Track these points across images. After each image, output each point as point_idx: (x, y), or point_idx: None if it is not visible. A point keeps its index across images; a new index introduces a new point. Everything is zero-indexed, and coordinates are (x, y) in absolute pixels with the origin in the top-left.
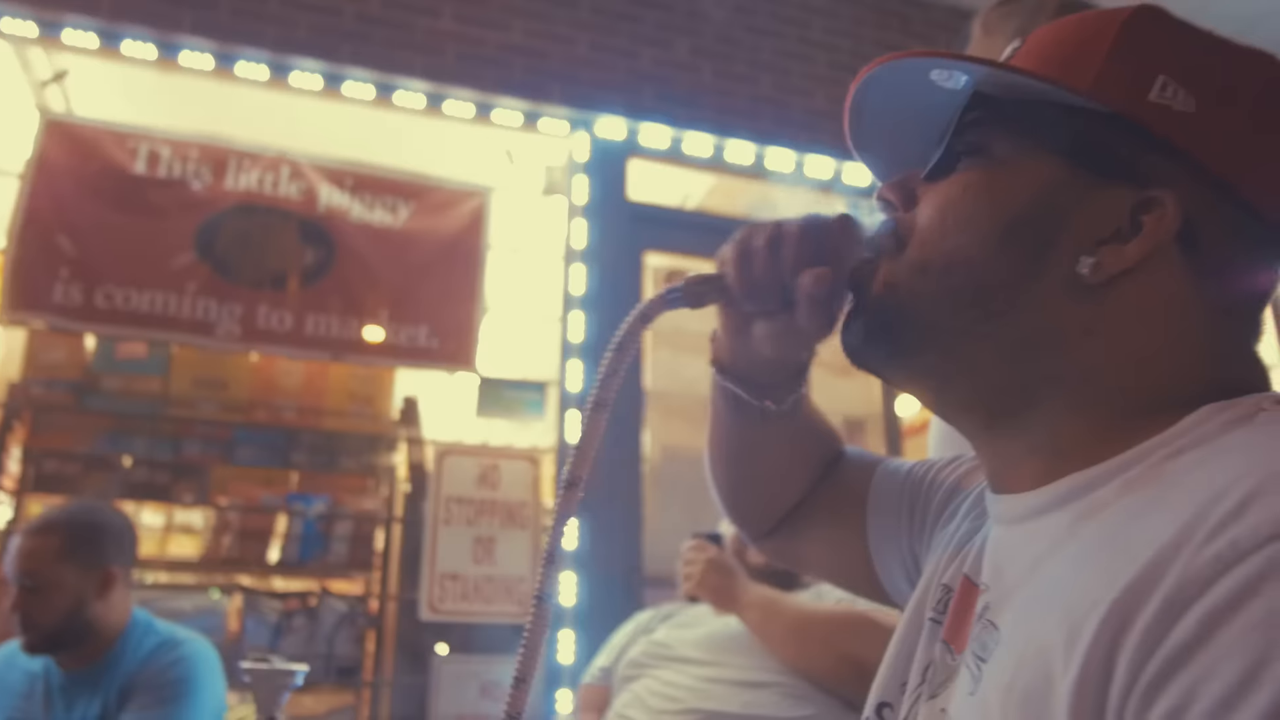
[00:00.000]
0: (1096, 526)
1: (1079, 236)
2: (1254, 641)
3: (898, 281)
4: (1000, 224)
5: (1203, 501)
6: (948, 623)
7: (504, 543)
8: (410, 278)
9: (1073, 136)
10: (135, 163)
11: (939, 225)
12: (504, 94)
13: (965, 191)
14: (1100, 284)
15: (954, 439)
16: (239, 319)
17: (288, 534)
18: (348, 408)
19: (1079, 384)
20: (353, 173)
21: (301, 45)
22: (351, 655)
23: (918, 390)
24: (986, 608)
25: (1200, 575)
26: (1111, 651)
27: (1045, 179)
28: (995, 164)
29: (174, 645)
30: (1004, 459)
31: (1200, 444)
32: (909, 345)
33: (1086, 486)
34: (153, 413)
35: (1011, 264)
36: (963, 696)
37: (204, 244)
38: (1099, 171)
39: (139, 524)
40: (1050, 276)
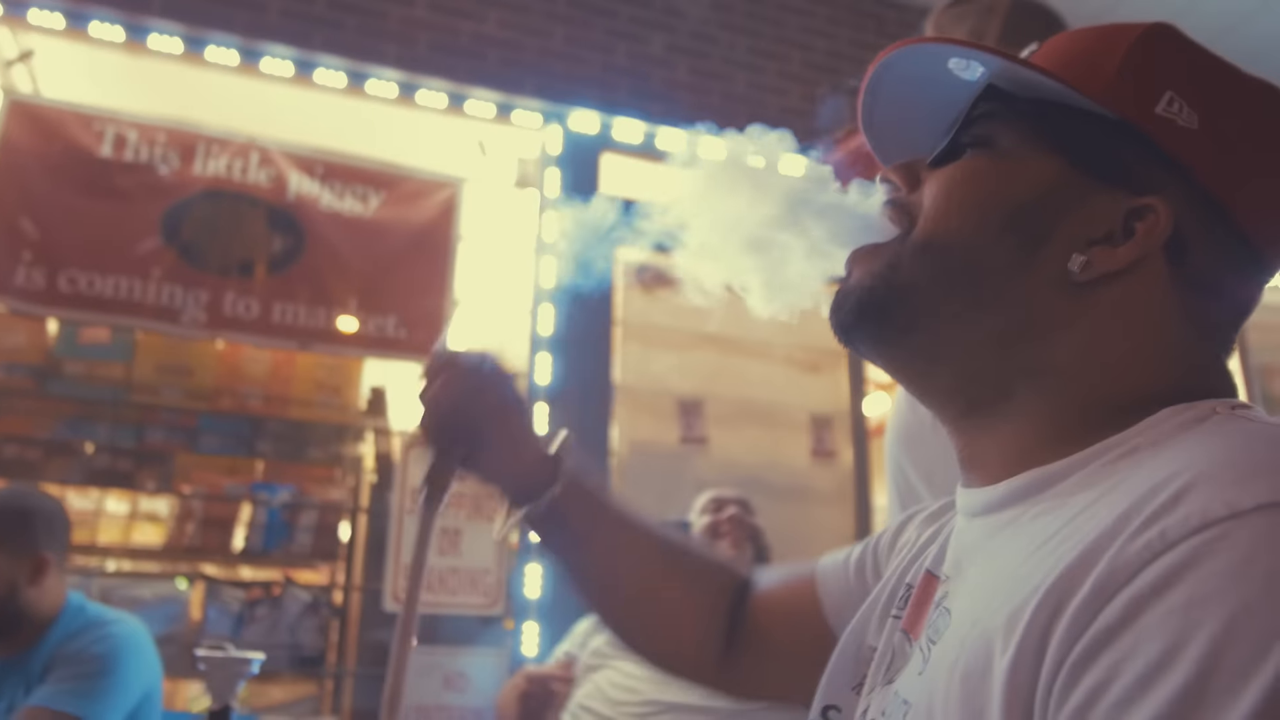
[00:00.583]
0: (1048, 519)
1: (1072, 235)
2: (1173, 625)
3: (901, 263)
4: (1001, 212)
5: (1142, 493)
6: (908, 614)
7: (470, 535)
8: (380, 267)
9: (1078, 139)
10: (101, 146)
11: (943, 207)
12: (477, 85)
13: (970, 178)
14: (1087, 283)
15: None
16: (205, 306)
17: (251, 523)
18: (315, 397)
19: (1052, 378)
20: (323, 161)
21: (273, 31)
22: (314, 645)
23: (902, 372)
24: (945, 596)
25: (1130, 563)
26: (1045, 632)
27: (1047, 176)
28: (1000, 155)
29: (100, 625)
30: (976, 449)
31: (1154, 445)
32: (900, 326)
33: (1045, 481)
34: (115, 399)
35: (1006, 253)
36: (912, 677)
37: (170, 229)
38: (1099, 175)
39: (102, 511)
40: (1041, 270)
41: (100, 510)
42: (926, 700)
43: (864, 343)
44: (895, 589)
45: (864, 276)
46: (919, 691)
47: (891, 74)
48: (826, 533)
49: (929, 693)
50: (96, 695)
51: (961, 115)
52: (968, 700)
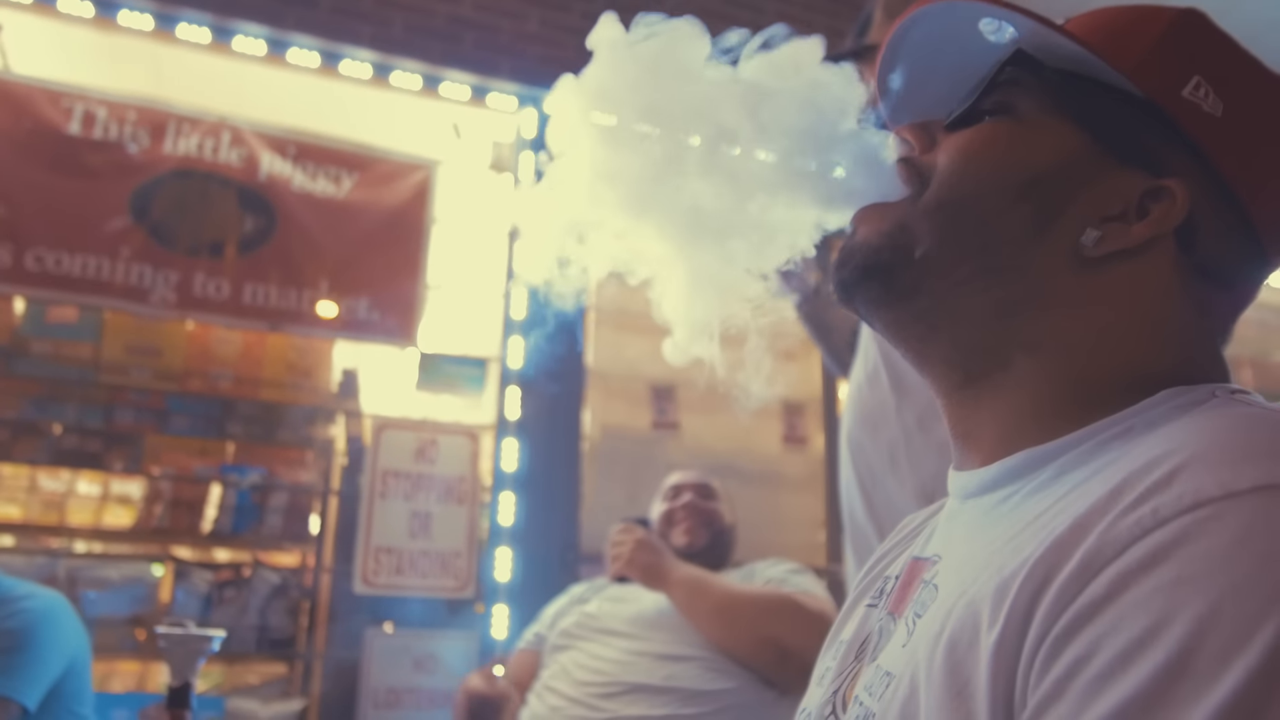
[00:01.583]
0: (1041, 496)
1: (1087, 210)
2: (1158, 603)
3: (911, 224)
4: (1018, 180)
5: (1135, 470)
6: (893, 597)
7: (441, 518)
8: (352, 249)
9: (1102, 113)
10: (70, 123)
11: (960, 169)
12: (452, 67)
13: (990, 142)
14: (1097, 259)
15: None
16: (174, 286)
17: (221, 505)
18: (285, 379)
19: (1052, 352)
20: (296, 141)
21: (245, 9)
22: (284, 627)
23: (901, 336)
24: (934, 575)
25: (1118, 538)
26: (1031, 605)
27: (1067, 147)
28: (1021, 122)
29: (12, 600)
30: (970, 424)
31: (1150, 425)
32: (904, 288)
33: (1038, 460)
34: (83, 379)
35: (1021, 221)
36: (895, 649)
37: (139, 208)
38: (1119, 152)
39: (70, 492)
40: (1053, 241)
41: (68, 491)
42: (910, 671)
43: (865, 303)
44: (869, 585)
45: (871, 235)
46: (901, 662)
47: (916, 31)
48: (797, 519)
49: (912, 663)
50: (14, 670)
51: (986, 78)
52: (953, 671)
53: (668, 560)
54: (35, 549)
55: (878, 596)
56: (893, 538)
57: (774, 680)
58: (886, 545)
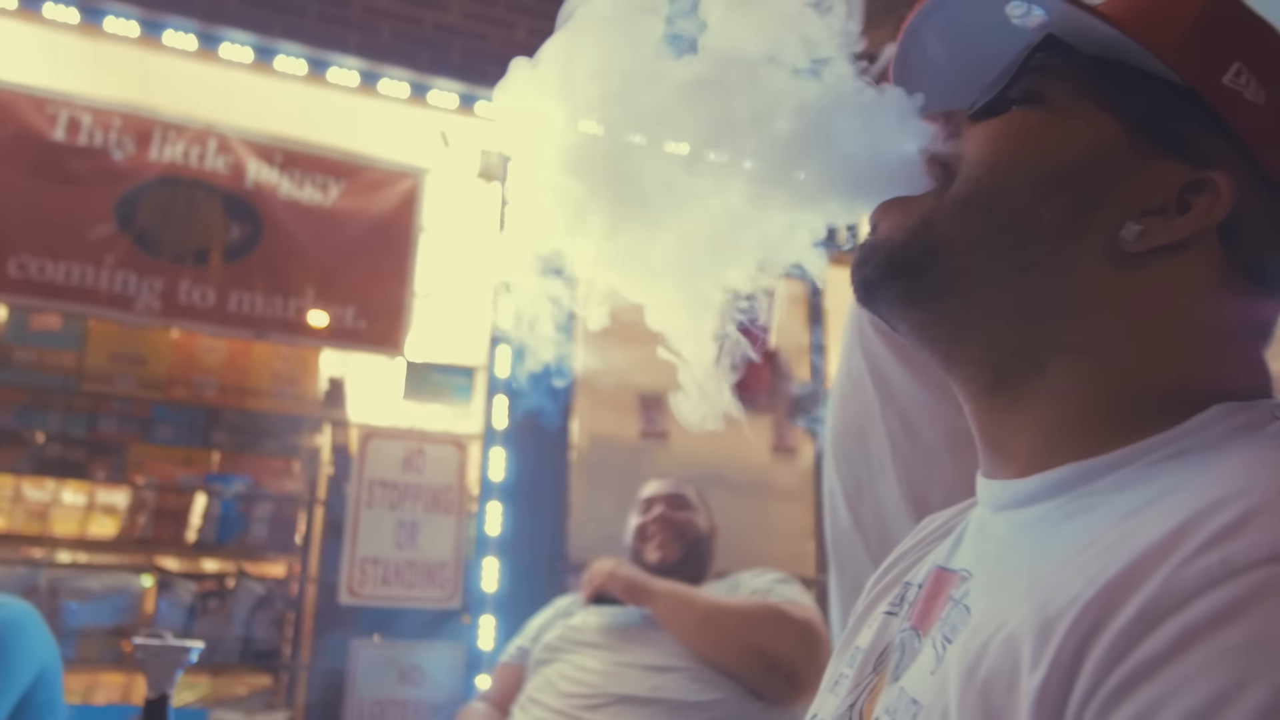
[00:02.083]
0: (1086, 520)
1: (1126, 203)
2: (1231, 666)
3: (936, 219)
4: (1053, 171)
5: (1199, 509)
6: (917, 610)
7: (427, 528)
8: (339, 257)
9: (1139, 101)
10: (54, 129)
11: (989, 161)
12: (440, 75)
13: (1021, 132)
14: (1136, 255)
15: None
16: (159, 294)
17: (206, 514)
18: (271, 388)
19: (1089, 357)
20: (282, 149)
21: (232, 16)
22: (268, 638)
23: (927, 337)
24: (965, 593)
25: (1183, 587)
26: (1080, 652)
27: (1102, 137)
28: (1053, 111)
29: None
30: (1002, 432)
31: (1206, 448)
32: (931, 288)
33: (1082, 477)
34: (66, 388)
35: (1056, 215)
36: (923, 675)
37: (124, 215)
38: (1157, 142)
39: (53, 502)
40: (1091, 237)
41: (51, 501)
42: (941, 704)
43: (889, 303)
44: (887, 588)
45: (894, 230)
46: (930, 692)
47: (936, 16)
48: (786, 528)
49: (942, 696)
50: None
51: (1014, 64)
52: (989, 713)
53: (648, 577)
54: (16, 559)
55: (897, 604)
56: (912, 538)
57: (760, 691)
58: (905, 546)
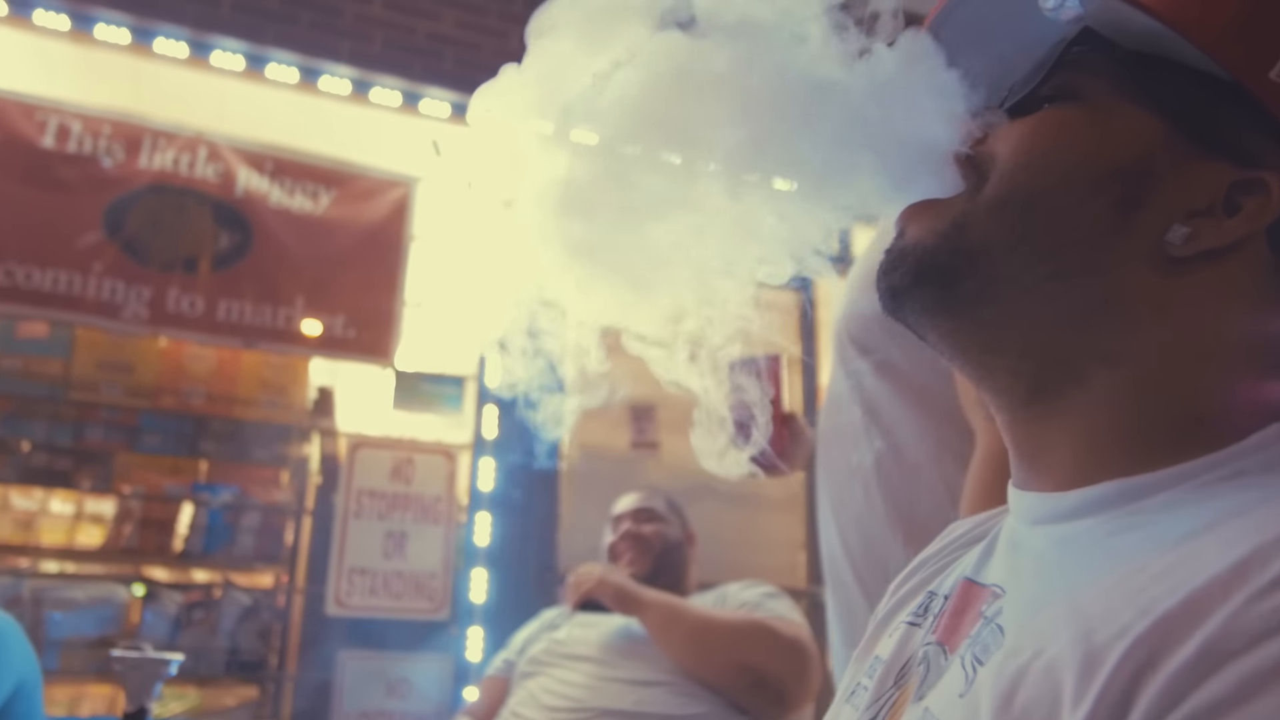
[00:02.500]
0: (1134, 541)
1: (1170, 204)
2: None
3: (969, 222)
4: (1094, 171)
5: (1266, 541)
6: (943, 624)
7: (416, 538)
8: (329, 266)
9: (1182, 96)
10: (44, 136)
11: (1025, 161)
12: (432, 84)
13: (1058, 130)
14: (1183, 259)
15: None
16: (147, 301)
17: (193, 524)
18: (260, 396)
19: (1134, 366)
20: (273, 157)
21: (224, 24)
22: (255, 649)
23: (961, 347)
24: (998, 611)
25: (1250, 627)
26: (1131, 689)
27: (1144, 135)
28: (1090, 108)
29: None
30: (1040, 444)
31: (1267, 470)
32: (965, 295)
33: (1127, 495)
34: (53, 396)
35: (1097, 217)
36: (950, 697)
37: (113, 223)
38: (1202, 139)
39: (38, 511)
40: (1134, 240)
41: (37, 510)
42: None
43: (918, 312)
44: (910, 595)
45: (924, 235)
46: (959, 716)
47: (963, 9)
48: (777, 540)
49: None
50: None
51: (1049, 59)
52: None
53: (638, 586)
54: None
55: (920, 614)
56: (938, 543)
57: (746, 707)
58: (930, 550)
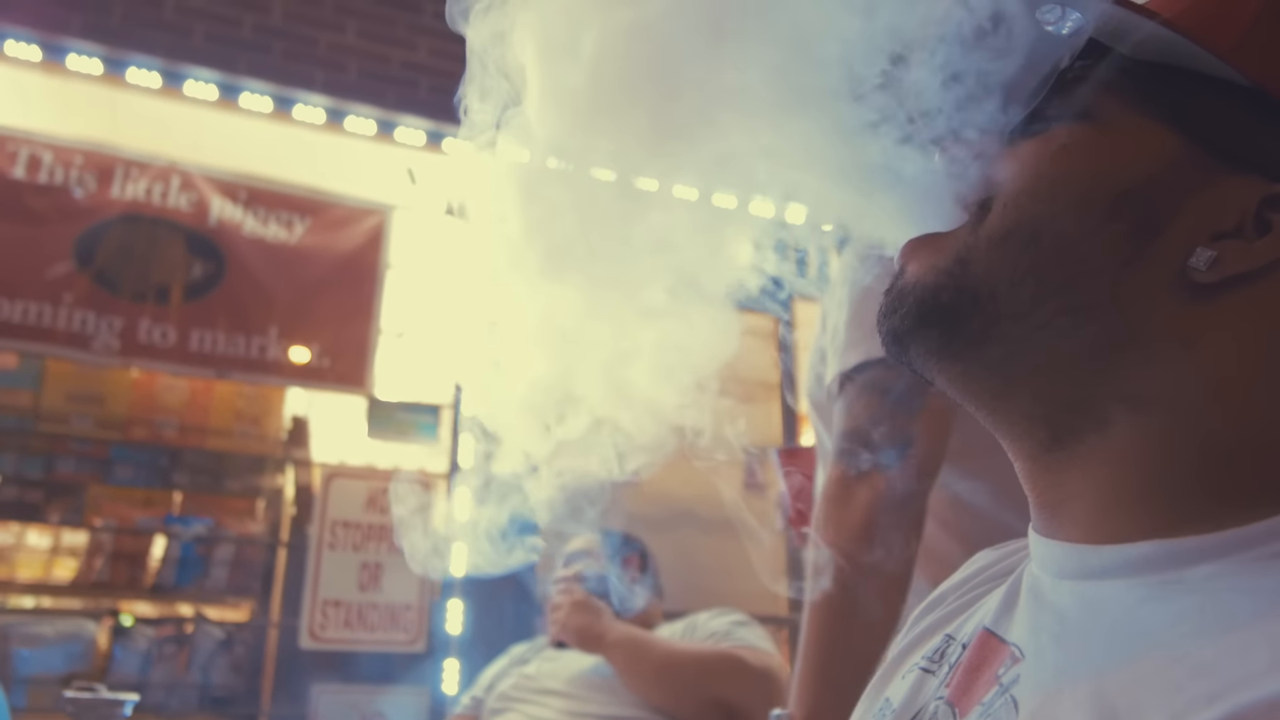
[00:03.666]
0: (1169, 616)
1: (1193, 226)
2: None
3: (972, 256)
4: (1106, 196)
5: None
6: (957, 679)
7: (391, 569)
8: (304, 295)
9: (1200, 108)
10: (14, 167)
11: (1031, 188)
12: (407, 112)
13: (1064, 152)
14: (1211, 285)
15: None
16: (118, 332)
17: (165, 557)
18: (233, 427)
19: (1162, 407)
20: (247, 186)
21: (197, 54)
22: (227, 684)
23: (971, 391)
24: (1015, 679)
25: None
26: None
27: (1161, 152)
28: (1101, 127)
29: None
30: (1061, 493)
31: None
32: (971, 336)
33: (1167, 560)
34: (23, 428)
35: (1112, 245)
36: None
37: (84, 253)
38: (1223, 154)
39: (7, 545)
40: (1154, 268)
41: (6, 544)
42: None
43: (923, 355)
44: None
45: (925, 272)
46: None
47: None
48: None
49: None
50: None
51: (1052, 75)
52: None
53: (603, 621)
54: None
55: (935, 660)
56: (961, 573)
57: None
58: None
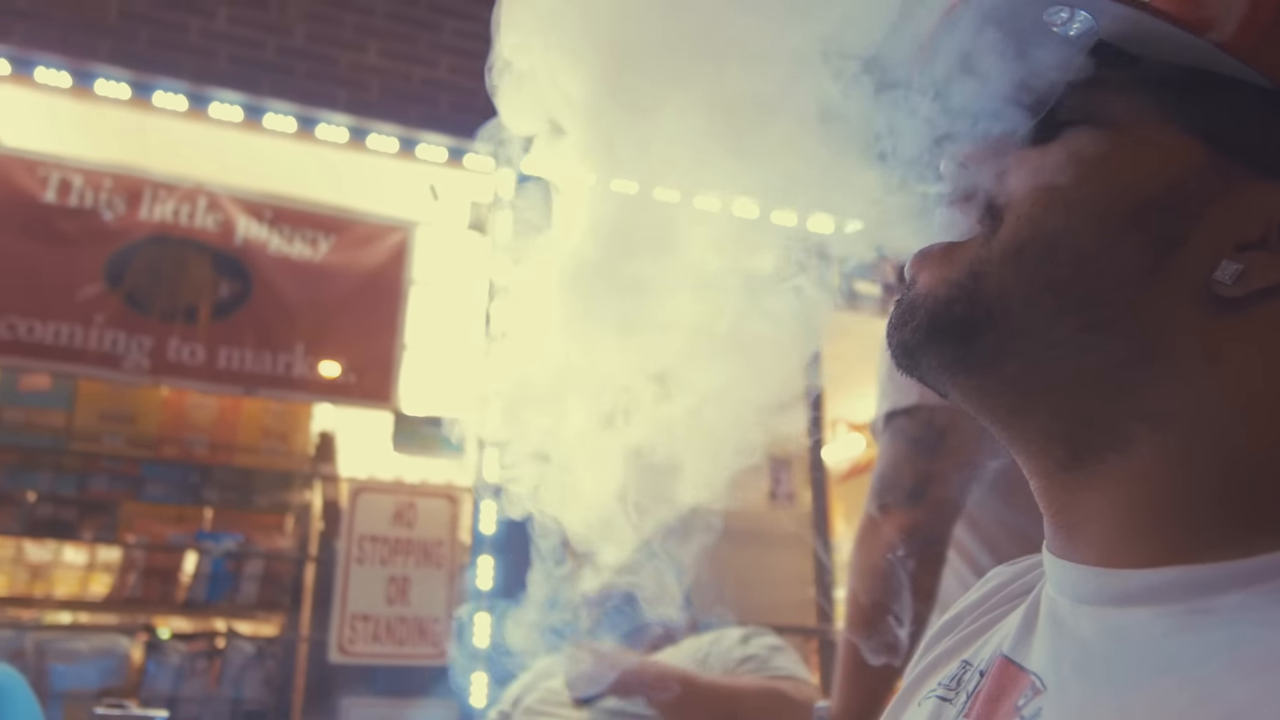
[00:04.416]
0: (1199, 650)
1: (1215, 237)
2: None
3: (986, 270)
4: (1123, 206)
5: None
6: (976, 710)
7: (419, 582)
8: (329, 312)
9: (1219, 111)
10: (45, 191)
11: (1044, 199)
12: (429, 129)
13: (1078, 160)
14: (1236, 299)
15: None
16: (148, 352)
17: (196, 573)
18: (261, 444)
19: (1185, 426)
20: (272, 205)
21: (221, 77)
22: (259, 698)
23: (986, 407)
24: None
25: None
26: None
27: (1181, 159)
28: (1116, 133)
29: None
30: (1079, 515)
31: None
32: (985, 351)
33: (1193, 589)
34: (56, 447)
35: (1131, 259)
36: None
37: (114, 275)
38: (1246, 160)
39: (43, 562)
40: (1175, 281)
41: (41, 562)
42: None
43: (935, 369)
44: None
45: (937, 285)
46: None
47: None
48: (785, 576)
49: None
50: None
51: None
52: None
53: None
54: (3, 622)
55: (952, 687)
56: (976, 592)
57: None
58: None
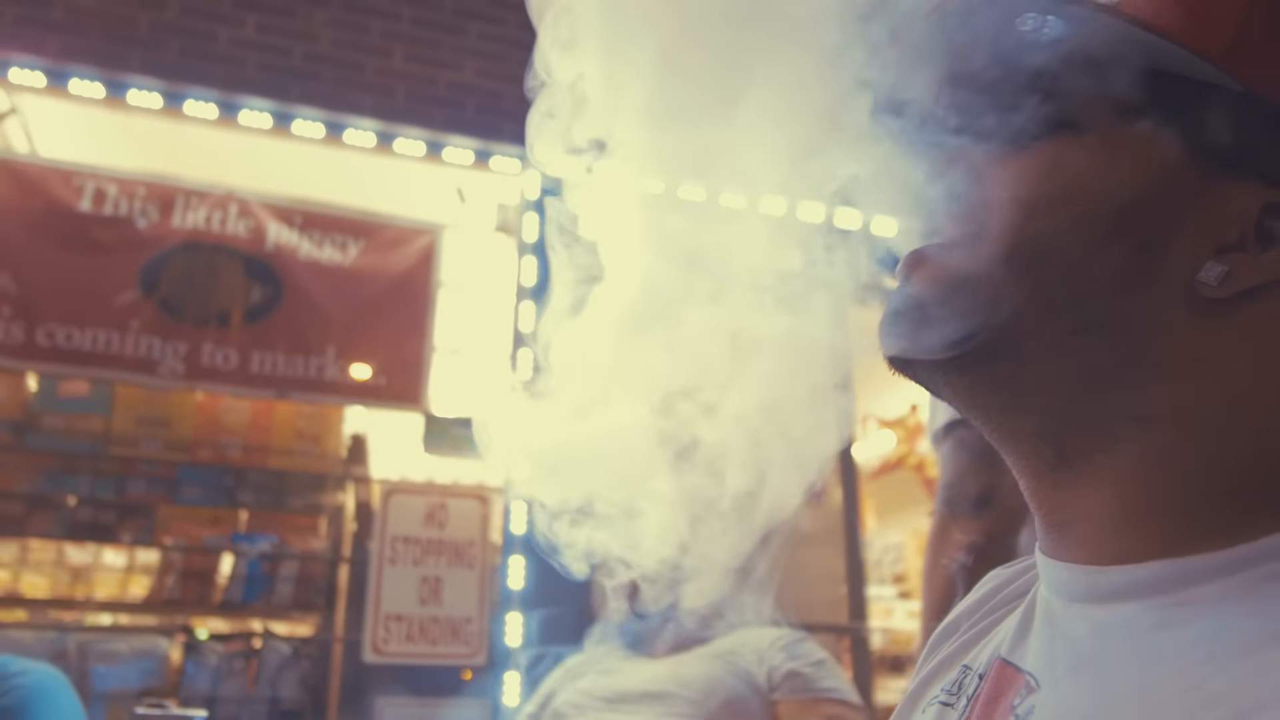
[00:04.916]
0: (1185, 641)
1: (1196, 240)
2: None
3: (976, 274)
4: (1106, 209)
5: None
6: (975, 713)
7: (451, 583)
8: (359, 315)
9: (1195, 114)
10: (81, 200)
11: (1028, 204)
12: (455, 133)
13: (1062, 166)
14: (1219, 301)
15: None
16: (183, 357)
17: (232, 574)
18: (294, 446)
19: (1173, 426)
20: (302, 210)
21: (250, 84)
22: (295, 698)
23: (977, 407)
24: (1030, 711)
25: None
26: None
27: (1158, 163)
28: (1094, 137)
29: (7, 677)
30: (1068, 513)
31: None
32: (978, 350)
33: (1177, 581)
34: (95, 452)
35: (1118, 263)
36: None
37: (148, 282)
38: (1223, 161)
39: (82, 564)
40: (1162, 285)
41: (81, 565)
42: None
43: (927, 369)
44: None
45: (928, 287)
46: None
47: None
48: (817, 574)
49: None
50: None
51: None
52: None
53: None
54: (45, 624)
55: (954, 692)
56: (975, 594)
57: None
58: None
